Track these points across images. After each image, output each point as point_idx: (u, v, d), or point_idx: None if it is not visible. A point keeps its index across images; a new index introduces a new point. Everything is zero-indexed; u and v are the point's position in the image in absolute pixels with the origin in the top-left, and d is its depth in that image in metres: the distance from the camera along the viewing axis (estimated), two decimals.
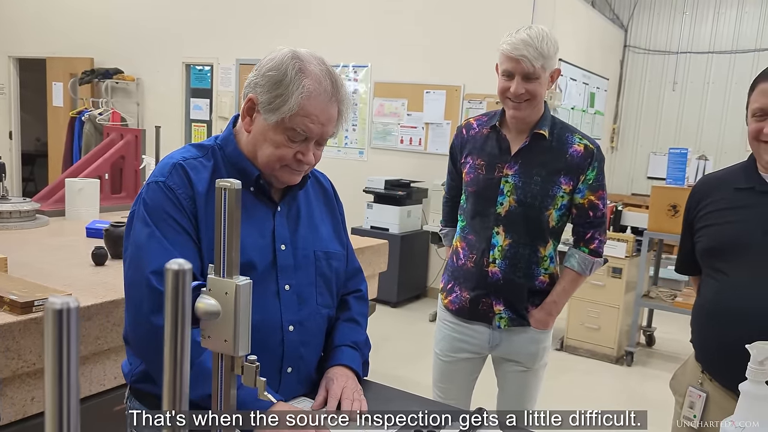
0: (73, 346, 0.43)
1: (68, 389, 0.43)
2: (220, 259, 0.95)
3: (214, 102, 7.19)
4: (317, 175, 1.59)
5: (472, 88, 5.79)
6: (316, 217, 1.52)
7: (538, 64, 1.88)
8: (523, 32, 1.90)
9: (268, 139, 1.34)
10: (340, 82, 1.36)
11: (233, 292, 0.94)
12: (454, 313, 2.14)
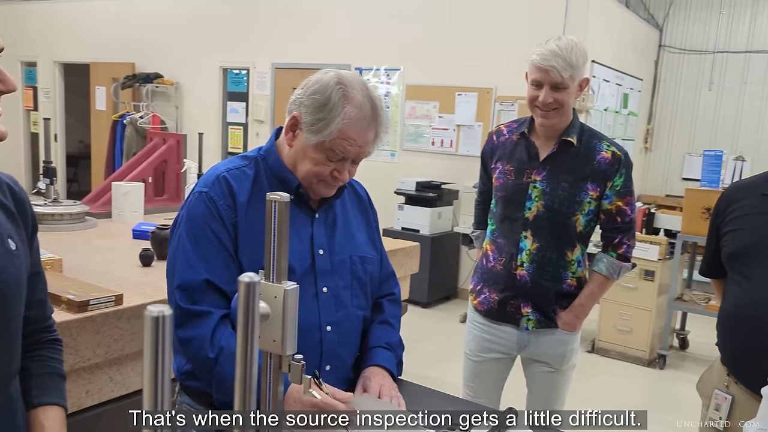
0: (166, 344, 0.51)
1: (162, 378, 0.52)
2: (269, 266, 1.04)
3: (250, 105, 7.35)
4: (353, 185, 1.68)
5: (504, 91, 5.83)
6: (352, 224, 1.60)
7: (566, 74, 1.94)
8: (553, 43, 1.96)
9: (307, 157, 1.43)
10: (380, 106, 1.44)
11: (282, 296, 1.03)
12: (483, 314, 2.20)
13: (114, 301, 1.93)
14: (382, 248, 1.70)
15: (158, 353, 0.52)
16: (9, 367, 1.14)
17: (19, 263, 1.14)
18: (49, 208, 2.89)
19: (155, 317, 0.51)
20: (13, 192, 1.20)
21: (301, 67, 6.93)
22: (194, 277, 1.38)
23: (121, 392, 2.03)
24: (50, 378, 1.25)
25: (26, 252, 1.19)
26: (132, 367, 2.05)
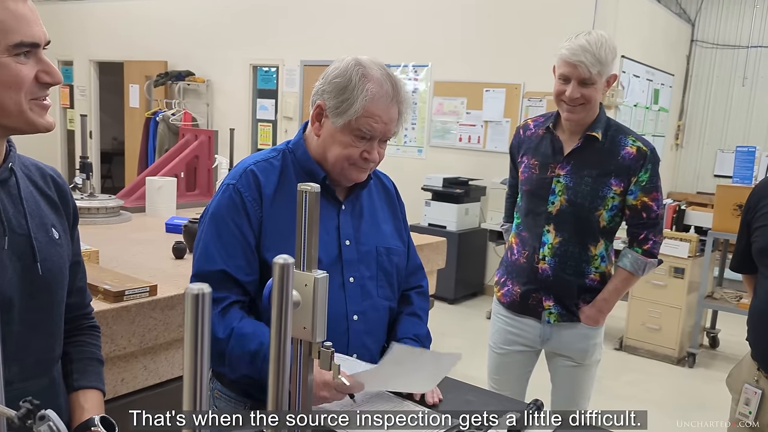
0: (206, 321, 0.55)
1: (201, 354, 0.55)
2: (300, 255, 1.08)
3: (279, 102, 7.43)
4: (381, 177, 1.70)
5: (533, 86, 5.80)
6: (379, 216, 1.63)
7: (594, 70, 1.94)
8: (583, 38, 1.96)
9: (336, 141, 1.46)
10: (401, 84, 1.46)
11: (312, 284, 1.06)
12: (506, 306, 2.23)
13: (148, 292, 1.99)
14: (410, 241, 1.72)
15: (198, 330, 0.54)
16: (52, 351, 1.20)
17: (61, 252, 1.19)
18: (86, 202, 2.97)
19: (195, 294, 0.54)
20: (56, 183, 1.25)
21: (330, 63, 6.98)
22: (211, 267, 1.42)
23: (155, 381, 2.09)
24: (89, 363, 1.30)
25: (68, 241, 1.24)
26: (165, 356, 2.11)
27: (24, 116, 1.05)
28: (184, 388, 0.56)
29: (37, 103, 1.07)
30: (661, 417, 3.82)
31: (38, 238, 1.13)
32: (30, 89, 1.04)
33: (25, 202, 1.12)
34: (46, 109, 1.09)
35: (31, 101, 1.05)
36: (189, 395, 0.55)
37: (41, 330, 1.16)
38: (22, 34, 1.01)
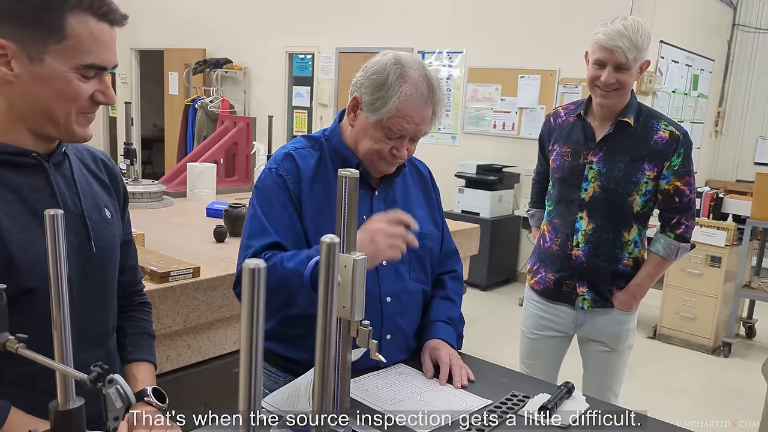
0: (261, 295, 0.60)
1: (257, 326, 0.60)
2: (340, 237, 1.13)
3: (314, 89, 7.49)
4: (416, 163, 1.75)
5: (568, 73, 5.75)
6: (412, 201, 1.67)
7: (631, 55, 1.94)
8: (619, 23, 1.97)
9: (368, 135, 1.51)
10: (437, 85, 1.50)
11: (351, 266, 1.12)
12: (539, 293, 2.25)
13: (192, 273, 2.07)
14: (445, 226, 1.76)
15: (254, 304, 0.60)
16: (106, 325, 1.28)
17: (114, 231, 1.27)
18: (130, 187, 3.07)
19: (252, 269, 0.59)
20: (107, 166, 1.32)
21: (365, 51, 7.01)
22: (261, 241, 1.47)
23: (197, 359, 2.18)
24: (141, 337, 1.38)
25: (119, 221, 1.32)
26: (207, 335, 2.20)
27: (68, 127, 1.10)
28: (241, 359, 0.60)
29: (84, 116, 1.12)
30: (695, 406, 3.81)
31: (92, 217, 1.20)
32: (82, 104, 1.09)
33: (78, 184, 1.19)
34: (90, 121, 1.14)
35: (79, 114, 1.10)
36: (245, 367, 0.60)
37: (97, 305, 1.23)
38: (96, 57, 1.06)
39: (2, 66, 1.02)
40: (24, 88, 1.04)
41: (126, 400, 0.70)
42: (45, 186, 1.11)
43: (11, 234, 1.03)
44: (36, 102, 1.05)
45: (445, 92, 1.63)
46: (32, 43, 1.02)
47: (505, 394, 1.47)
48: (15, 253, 1.02)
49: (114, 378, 0.70)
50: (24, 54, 1.02)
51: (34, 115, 1.07)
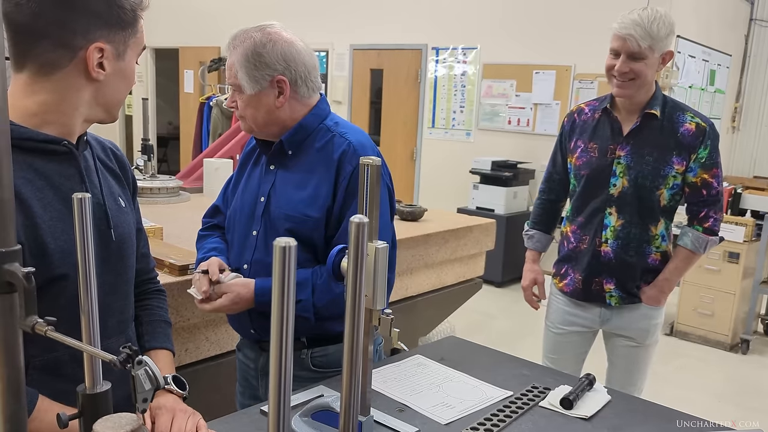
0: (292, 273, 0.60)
1: (288, 305, 0.60)
2: None
3: (328, 86, 7.50)
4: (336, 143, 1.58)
5: (583, 68, 5.72)
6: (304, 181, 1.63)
7: (644, 44, 1.93)
8: (636, 12, 1.97)
9: None
10: (234, 35, 1.55)
11: (373, 254, 1.12)
12: (568, 294, 2.24)
13: None
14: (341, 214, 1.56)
15: (285, 282, 0.59)
16: (126, 312, 1.28)
17: (129, 219, 1.28)
18: (148, 182, 3.09)
19: (283, 247, 0.59)
20: (116, 155, 1.33)
21: (379, 47, 7.01)
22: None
23: (216, 351, 2.19)
24: (158, 324, 1.38)
25: (132, 209, 1.33)
26: (225, 329, 2.20)
27: (118, 110, 1.19)
28: (272, 335, 0.60)
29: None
30: (712, 402, 3.78)
31: (109, 206, 1.21)
32: None
33: (99, 172, 1.20)
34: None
35: None
36: (276, 344, 0.60)
37: (118, 292, 1.24)
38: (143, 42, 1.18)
39: (97, 67, 1.08)
40: (110, 83, 1.12)
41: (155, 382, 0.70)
42: (75, 173, 1.13)
43: (44, 221, 1.04)
44: (117, 94, 1.14)
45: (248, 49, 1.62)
46: (121, 42, 1.10)
47: (526, 386, 1.47)
48: (47, 241, 1.03)
49: (143, 359, 0.70)
50: (113, 52, 1.10)
51: (111, 106, 1.15)
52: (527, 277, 2.35)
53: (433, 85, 6.74)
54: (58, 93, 1.07)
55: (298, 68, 1.52)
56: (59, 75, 1.06)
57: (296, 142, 1.57)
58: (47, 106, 1.07)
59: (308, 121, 1.57)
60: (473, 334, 4.21)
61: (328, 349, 1.62)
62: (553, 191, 2.34)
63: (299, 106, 1.56)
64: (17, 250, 0.74)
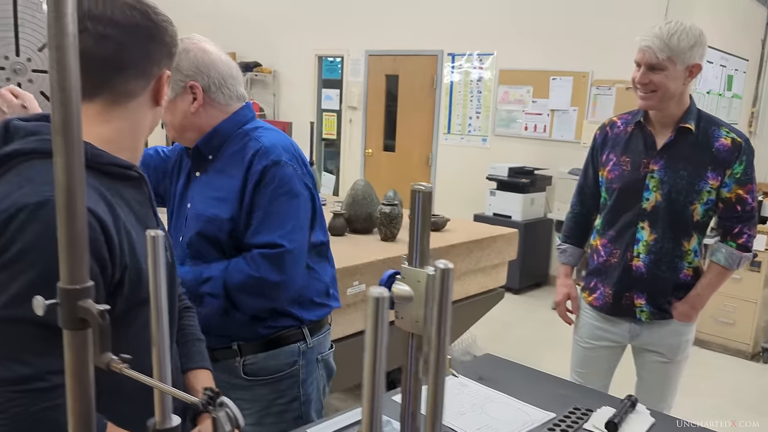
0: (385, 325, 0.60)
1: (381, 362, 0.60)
2: (413, 251, 1.13)
3: (344, 92, 7.51)
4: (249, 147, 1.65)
5: (601, 74, 5.70)
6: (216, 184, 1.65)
7: (662, 55, 1.94)
8: (659, 26, 1.99)
9: None
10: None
11: (424, 280, 1.12)
12: (597, 309, 2.22)
13: None
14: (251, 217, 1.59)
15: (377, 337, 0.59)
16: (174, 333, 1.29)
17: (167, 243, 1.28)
18: None
19: (377, 298, 0.59)
20: None
21: (394, 53, 7.02)
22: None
23: None
24: (193, 344, 1.38)
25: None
26: None
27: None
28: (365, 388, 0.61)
29: None
30: (733, 411, 3.75)
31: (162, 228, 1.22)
32: None
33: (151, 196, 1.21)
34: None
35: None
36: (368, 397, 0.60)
37: (172, 316, 1.25)
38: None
39: (164, 94, 1.13)
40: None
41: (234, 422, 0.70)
42: (145, 199, 1.14)
43: (140, 245, 1.05)
44: (160, 117, 1.18)
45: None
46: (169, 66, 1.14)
47: (567, 407, 1.46)
48: (142, 265, 1.04)
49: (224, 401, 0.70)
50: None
51: (152, 129, 1.17)
52: (560, 292, 2.34)
53: (449, 91, 6.73)
54: (130, 120, 1.10)
55: (211, 75, 1.58)
56: (133, 103, 1.09)
57: (214, 147, 1.63)
58: (122, 133, 1.08)
59: (224, 126, 1.62)
60: (494, 343, 4.20)
61: (258, 356, 1.66)
62: (585, 204, 2.33)
63: (216, 112, 1.60)
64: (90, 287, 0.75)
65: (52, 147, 0.61)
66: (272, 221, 1.55)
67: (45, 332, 0.91)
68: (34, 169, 0.99)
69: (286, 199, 1.57)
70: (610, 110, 5.68)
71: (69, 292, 0.76)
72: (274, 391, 1.67)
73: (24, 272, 0.91)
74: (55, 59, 0.61)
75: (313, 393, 1.74)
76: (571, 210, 2.39)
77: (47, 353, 0.92)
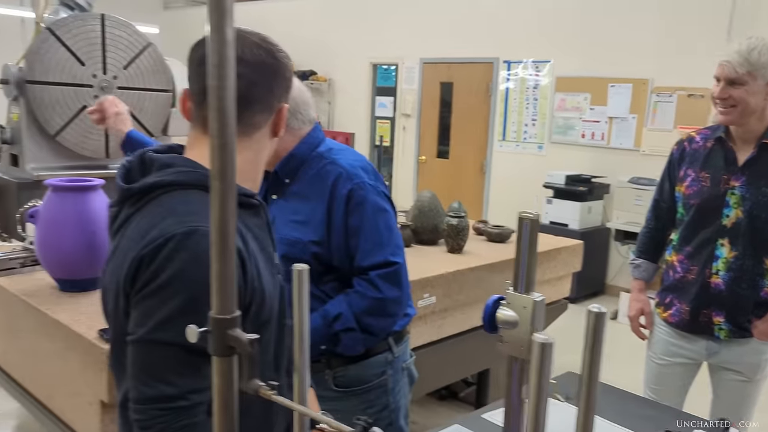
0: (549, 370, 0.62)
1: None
2: (519, 278, 1.15)
3: (397, 100, 7.56)
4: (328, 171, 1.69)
5: (662, 81, 5.60)
6: (299, 207, 1.68)
7: (741, 70, 1.93)
8: (738, 41, 1.98)
9: None
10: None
11: (530, 306, 1.14)
12: (673, 325, 2.20)
13: None
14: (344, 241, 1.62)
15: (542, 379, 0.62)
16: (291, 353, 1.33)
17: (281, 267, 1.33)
18: None
19: (542, 344, 0.61)
20: None
21: (449, 61, 7.03)
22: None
23: None
24: None
25: None
26: None
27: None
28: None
29: None
30: None
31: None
32: None
33: None
34: None
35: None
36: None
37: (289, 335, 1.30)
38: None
39: (282, 126, 1.18)
40: (283, 137, 1.22)
41: None
42: (264, 224, 1.19)
43: (265, 271, 1.10)
44: (281, 146, 1.24)
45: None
46: (287, 100, 1.19)
47: (659, 429, 1.46)
48: (266, 289, 1.09)
49: (375, 430, 0.74)
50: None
51: (273, 159, 1.20)
52: (634, 307, 2.32)
53: (504, 98, 6.71)
54: (254, 151, 1.15)
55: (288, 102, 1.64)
56: (257, 135, 1.14)
57: (291, 171, 1.66)
58: (247, 163, 1.13)
59: (300, 150, 1.65)
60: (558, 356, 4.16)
61: (348, 368, 1.69)
62: (660, 219, 2.31)
63: (289, 137, 1.63)
64: (238, 317, 0.79)
65: (210, 190, 0.65)
66: (376, 241, 1.61)
67: (186, 355, 0.97)
68: (175, 200, 1.05)
69: (380, 217, 1.62)
70: (671, 118, 5.58)
71: (219, 321, 0.80)
72: (364, 402, 1.71)
73: (172, 299, 0.97)
74: (216, 107, 0.65)
75: (401, 400, 1.78)
76: (645, 225, 2.37)
77: (187, 374, 0.98)
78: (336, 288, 1.65)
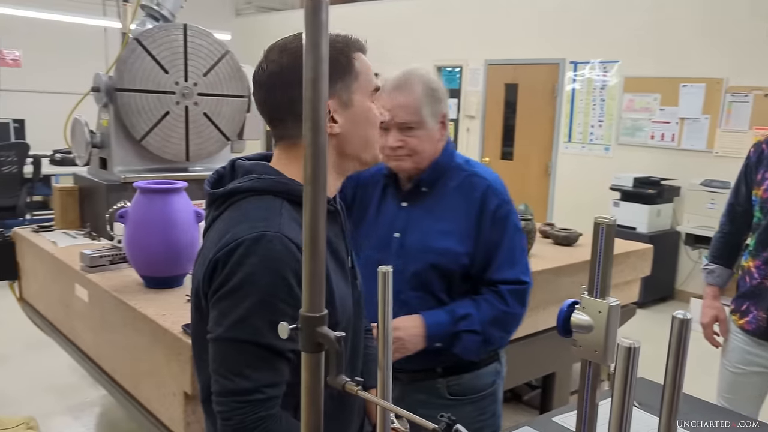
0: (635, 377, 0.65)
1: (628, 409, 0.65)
2: (594, 283, 1.17)
3: (461, 101, 7.56)
4: (476, 182, 1.69)
5: (737, 80, 5.40)
6: (442, 215, 1.67)
7: None
8: None
9: None
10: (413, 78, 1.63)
11: (605, 311, 1.15)
12: (750, 333, 2.15)
13: None
14: (488, 252, 1.64)
15: (627, 385, 0.65)
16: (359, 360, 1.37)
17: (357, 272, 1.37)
18: None
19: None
20: None
21: (515, 62, 6.98)
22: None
23: None
24: (373, 363, 1.47)
25: None
26: None
27: (376, 152, 1.23)
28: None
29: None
30: None
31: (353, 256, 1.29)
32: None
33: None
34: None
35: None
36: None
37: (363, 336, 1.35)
38: (374, 81, 1.21)
39: (330, 122, 1.14)
40: (348, 133, 1.16)
41: None
42: (339, 231, 1.22)
43: (337, 276, 1.15)
44: (359, 139, 1.18)
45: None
46: (344, 90, 1.15)
47: None
48: (336, 294, 1.13)
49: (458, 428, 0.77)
50: (339, 104, 1.15)
51: (359, 152, 1.19)
52: (707, 314, 2.27)
53: (570, 99, 6.61)
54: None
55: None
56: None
57: (432, 181, 1.65)
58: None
59: (442, 160, 1.65)
60: None
61: (462, 377, 1.70)
62: (735, 224, 2.25)
63: (429, 145, 1.62)
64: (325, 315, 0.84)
65: (303, 198, 0.70)
66: (511, 258, 1.64)
67: (260, 351, 1.04)
68: (250, 205, 1.10)
69: (517, 236, 1.66)
70: (747, 118, 5.38)
71: (309, 319, 0.85)
72: (477, 409, 1.74)
73: (244, 300, 1.03)
74: (309, 119, 0.70)
75: (501, 407, 1.83)
76: (719, 229, 2.32)
77: (262, 369, 1.05)
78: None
